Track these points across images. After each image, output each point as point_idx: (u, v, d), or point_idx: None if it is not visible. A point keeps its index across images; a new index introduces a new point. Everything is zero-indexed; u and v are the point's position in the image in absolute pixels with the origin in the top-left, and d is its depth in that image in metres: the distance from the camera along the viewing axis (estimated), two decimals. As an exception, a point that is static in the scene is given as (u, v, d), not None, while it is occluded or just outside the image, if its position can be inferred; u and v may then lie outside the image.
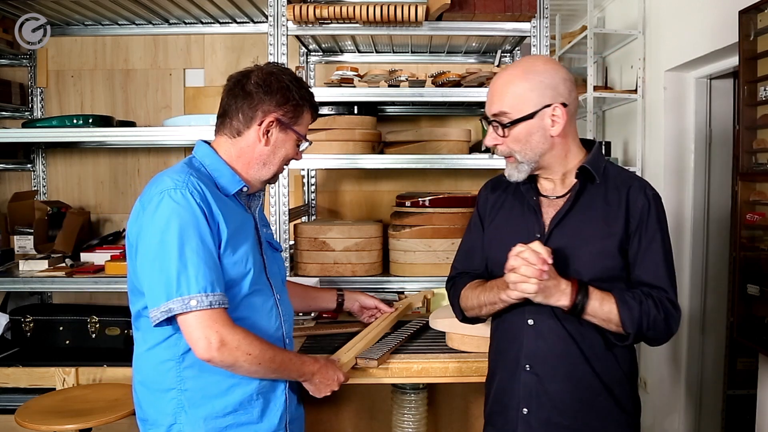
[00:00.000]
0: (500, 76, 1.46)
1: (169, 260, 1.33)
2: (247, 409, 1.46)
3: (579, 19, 4.06)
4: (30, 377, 2.45)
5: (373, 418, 2.29)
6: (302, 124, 1.57)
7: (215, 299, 1.34)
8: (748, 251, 2.25)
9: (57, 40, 3.17)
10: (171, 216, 1.35)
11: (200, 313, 1.33)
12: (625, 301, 1.38)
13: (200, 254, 1.35)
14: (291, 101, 1.52)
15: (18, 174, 3.27)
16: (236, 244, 1.44)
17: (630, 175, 1.50)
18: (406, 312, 2.22)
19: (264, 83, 1.49)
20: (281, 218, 2.49)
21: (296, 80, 1.55)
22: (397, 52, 3.23)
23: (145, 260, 1.38)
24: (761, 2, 2.09)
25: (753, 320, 2.20)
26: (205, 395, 1.42)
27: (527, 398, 1.46)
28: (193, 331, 1.34)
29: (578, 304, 1.37)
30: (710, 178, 3.03)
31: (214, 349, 1.33)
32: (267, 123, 1.50)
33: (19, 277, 2.58)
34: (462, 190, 3.18)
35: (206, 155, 1.52)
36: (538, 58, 1.53)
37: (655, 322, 1.38)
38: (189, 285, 1.32)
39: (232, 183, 1.50)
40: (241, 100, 1.50)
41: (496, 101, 1.44)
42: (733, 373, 3.15)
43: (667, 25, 3.02)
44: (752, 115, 2.21)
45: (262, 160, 1.53)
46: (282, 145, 1.54)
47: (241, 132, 1.51)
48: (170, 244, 1.34)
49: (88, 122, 2.64)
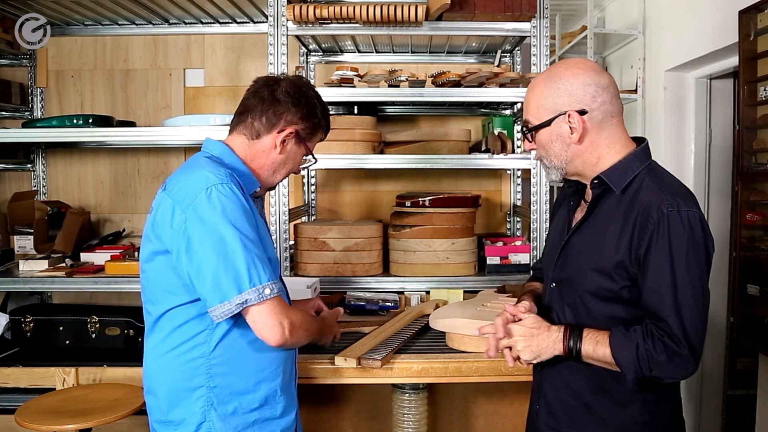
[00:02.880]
0: (531, 82, 1.46)
1: (234, 254, 1.34)
2: (272, 404, 1.49)
3: (579, 19, 4.06)
4: (30, 377, 2.45)
5: (373, 418, 2.29)
6: (314, 141, 1.61)
7: (277, 287, 1.39)
8: (748, 251, 2.25)
9: (57, 40, 3.17)
10: (225, 210, 1.36)
11: (272, 301, 1.37)
12: (620, 345, 1.29)
13: (258, 245, 1.39)
14: (313, 118, 1.56)
15: (18, 174, 3.27)
16: (262, 240, 1.46)
17: (662, 189, 1.32)
18: (417, 317, 2.22)
19: (294, 94, 1.53)
20: (281, 218, 2.49)
21: (320, 99, 1.60)
22: (397, 52, 3.23)
23: (203, 257, 1.35)
24: (761, 2, 2.09)
25: (753, 320, 2.20)
26: (233, 392, 1.44)
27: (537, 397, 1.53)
28: (267, 319, 1.37)
29: (571, 349, 1.35)
30: (710, 178, 3.03)
31: (287, 333, 1.39)
32: (287, 133, 1.52)
33: (19, 277, 2.58)
34: (462, 190, 3.18)
35: (224, 153, 1.52)
36: (565, 63, 1.42)
37: (657, 364, 1.27)
38: (260, 275, 1.36)
39: (250, 182, 1.51)
40: (268, 104, 1.52)
41: (524, 107, 1.45)
42: (733, 373, 3.14)
43: (667, 25, 3.02)
44: (752, 115, 2.21)
45: (274, 167, 1.55)
46: (293, 157, 1.57)
47: (260, 135, 1.53)
48: (231, 238, 1.35)
49: (88, 122, 2.64)
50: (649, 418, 1.36)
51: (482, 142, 2.90)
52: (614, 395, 1.37)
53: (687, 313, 1.27)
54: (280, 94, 1.52)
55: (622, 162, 1.38)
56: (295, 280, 2.44)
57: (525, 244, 2.73)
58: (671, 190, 1.32)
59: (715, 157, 3.02)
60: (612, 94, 1.38)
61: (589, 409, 1.40)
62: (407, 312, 2.24)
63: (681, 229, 1.28)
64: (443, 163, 2.56)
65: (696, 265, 1.29)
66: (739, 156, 2.29)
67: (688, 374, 1.30)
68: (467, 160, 2.61)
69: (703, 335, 1.30)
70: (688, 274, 1.28)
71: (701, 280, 1.30)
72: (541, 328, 1.39)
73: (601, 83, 1.36)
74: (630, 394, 1.35)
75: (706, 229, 1.32)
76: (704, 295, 1.30)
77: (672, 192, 1.32)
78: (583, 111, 1.36)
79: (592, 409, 1.39)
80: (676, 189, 1.34)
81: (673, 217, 1.28)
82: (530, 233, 2.57)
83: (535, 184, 2.51)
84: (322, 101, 1.60)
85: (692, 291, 1.28)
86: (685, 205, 1.29)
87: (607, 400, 1.38)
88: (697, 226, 1.29)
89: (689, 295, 1.27)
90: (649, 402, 1.36)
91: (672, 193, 1.32)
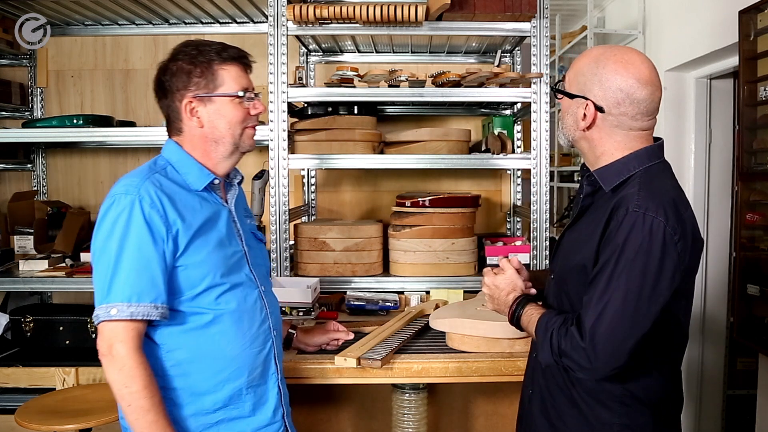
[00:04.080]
0: (591, 48, 1.43)
1: (106, 266, 1.34)
2: (237, 403, 1.45)
3: (579, 19, 4.06)
4: (30, 377, 2.45)
5: (373, 418, 2.29)
6: (224, 83, 1.45)
7: (138, 310, 1.32)
8: (748, 251, 2.25)
9: (57, 40, 3.17)
10: (115, 222, 1.35)
11: (116, 324, 1.32)
12: (541, 326, 1.34)
13: (134, 264, 1.33)
14: (193, 73, 1.43)
15: (18, 174, 3.27)
16: (205, 242, 1.42)
17: (641, 190, 1.27)
18: (417, 317, 2.22)
19: (167, 71, 1.45)
20: (281, 218, 2.49)
21: (193, 47, 1.45)
22: (397, 52, 3.23)
23: (93, 264, 1.38)
24: (761, 2, 2.09)
25: (753, 320, 2.20)
26: (194, 392, 1.42)
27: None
28: (100, 336, 1.34)
29: (513, 317, 1.45)
30: (710, 178, 3.04)
31: (106, 357, 1.32)
32: (185, 106, 1.44)
33: (19, 277, 2.58)
34: (462, 190, 3.18)
35: (173, 152, 1.49)
36: (620, 54, 1.33)
37: (563, 352, 1.27)
38: (115, 293, 1.32)
39: (200, 178, 1.47)
40: (162, 98, 1.48)
41: (570, 67, 1.43)
42: (733, 373, 3.15)
43: (667, 25, 3.02)
44: (752, 115, 2.21)
45: (212, 140, 1.47)
46: (217, 116, 1.45)
47: (181, 128, 1.48)
48: (109, 251, 1.34)
49: (88, 122, 2.64)
50: (628, 421, 1.34)
51: (482, 142, 2.90)
52: (596, 393, 1.35)
53: (608, 315, 1.22)
54: (161, 81, 1.46)
55: (620, 161, 1.35)
56: (295, 280, 2.45)
57: (525, 244, 2.73)
58: (650, 194, 1.26)
59: (715, 157, 3.03)
60: (641, 111, 1.32)
61: (573, 404, 1.39)
62: (407, 312, 2.24)
63: (639, 232, 1.22)
64: (443, 163, 2.56)
65: (640, 274, 1.21)
66: (739, 156, 2.29)
67: (583, 372, 1.27)
68: (467, 160, 2.61)
69: (617, 346, 1.22)
70: (626, 278, 1.21)
71: (640, 291, 1.21)
72: (505, 290, 1.49)
73: (635, 95, 1.31)
74: (609, 394, 1.34)
75: (668, 243, 1.22)
76: (637, 308, 1.21)
77: (649, 195, 1.25)
78: (602, 109, 1.33)
79: (576, 404, 1.39)
80: (658, 194, 1.26)
81: (635, 218, 1.23)
82: (530, 233, 2.56)
83: (535, 184, 2.51)
84: (197, 47, 1.45)
85: (623, 297, 1.21)
86: (654, 211, 1.22)
87: (589, 396, 1.36)
88: (658, 236, 1.21)
89: (618, 298, 1.21)
90: (629, 404, 1.34)
91: (649, 196, 1.25)
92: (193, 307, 1.41)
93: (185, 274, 1.40)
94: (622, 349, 1.23)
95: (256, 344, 1.49)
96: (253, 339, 1.48)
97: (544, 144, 2.48)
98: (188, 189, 1.45)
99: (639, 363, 1.30)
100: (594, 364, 1.23)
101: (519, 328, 1.46)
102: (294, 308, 2.23)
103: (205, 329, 1.42)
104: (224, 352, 1.43)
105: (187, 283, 1.40)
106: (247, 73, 1.51)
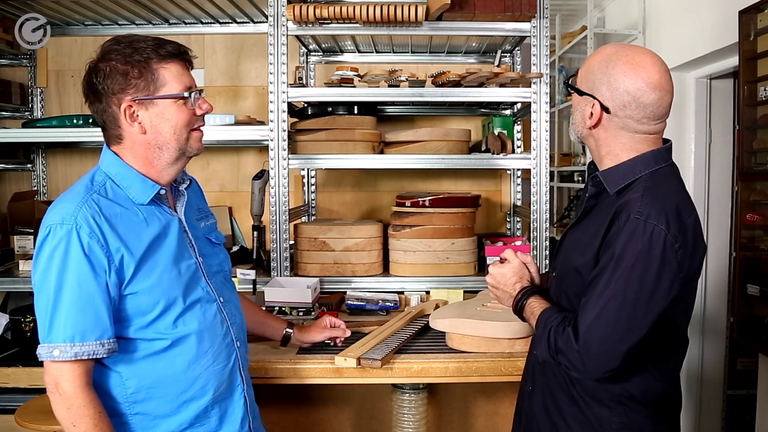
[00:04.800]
0: (604, 46, 1.42)
1: (45, 302, 1.25)
2: (203, 420, 1.40)
3: (579, 19, 4.06)
4: (30, 377, 2.45)
5: (373, 418, 2.29)
6: (166, 83, 1.33)
7: (82, 350, 1.24)
8: (748, 251, 2.25)
9: (57, 40, 3.17)
10: (51, 256, 1.25)
11: (61, 363, 1.24)
12: (541, 322, 1.35)
13: (75, 300, 1.24)
14: (130, 74, 1.30)
15: (18, 174, 3.27)
16: (154, 264, 1.32)
17: (644, 196, 1.26)
18: (417, 317, 2.22)
19: (99, 73, 1.32)
20: (281, 218, 2.49)
21: (126, 44, 1.33)
22: (397, 52, 3.23)
23: (34, 294, 1.28)
24: (761, 2, 2.09)
25: (753, 320, 2.20)
26: (156, 417, 1.35)
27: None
28: (46, 374, 1.26)
29: (516, 309, 1.46)
30: (710, 178, 3.03)
31: (54, 394, 1.26)
32: (124, 111, 1.32)
33: (19, 277, 2.59)
34: (462, 190, 3.18)
35: (112, 164, 1.37)
36: (632, 55, 1.31)
37: (558, 350, 1.28)
38: (57, 333, 1.24)
39: (144, 191, 1.36)
40: (94, 102, 1.35)
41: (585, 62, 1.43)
42: (733, 373, 3.15)
43: (667, 25, 3.02)
44: (752, 115, 2.21)
45: (155, 146, 1.35)
46: (160, 120, 1.34)
47: (120, 135, 1.36)
48: (47, 286, 1.25)
49: (88, 122, 2.64)
50: (627, 420, 1.34)
51: (482, 142, 2.90)
52: (595, 392, 1.35)
53: (602, 320, 1.22)
54: (91, 83, 1.33)
55: (625, 164, 1.34)
56: (295, 280, 2.45)
57: (525, 244, 2.73)
58: (653, 200, 1.25)
59: (715, 157, 3.02)
60: (647, 115, 1.31)
61: (573, 401, 1.39)
62: (407, 312, 2.24)
63: (639, 239, 1.21)
64: (443, 163, 2.56)
65: (638, 281, 1.21)
66: (739, 156, 2.29)
67: (576, 372, 1.28)
68: (467, 160, 2.61)
69: (610, 351, 1.23)
70: (624, 285, 1.21)
71: (636, 298, 1.21)
72: (512, 279, 1.49)
73: (642, 99, 1.29)
74: (608, 393, 1.34)
75: (668, 252, 1.21)
76: (632, 315, 1.21)
77: (652, 201, 1.24)
78: (608, 109, 1.32)
79: (575, 401, 1.38)
80: (661, 200, 1.25)
81: (636, 225, 1.22)
82: (530, 233, 2.57)
83: (535, 184, 2.51)
84: (131, 45, 1.32)
85: (620, 303, 1.21)
86: (655, 219, 1.22)
87: (588, 395, 1.36)
88: (659, 244, 1.21)
89: (614, 304, 1.21)
90: (627, 404, 1.34)
91: (651, 202, 1.24)
92: (149, 333, 1.32)
93: (136, 301, 1.31)
94: (615, 353, 1.23)
95: (220, 360, 1.41)
96: (216, 356, 1.40)
97: (544, 144, 2.48)
98: (132, 205, 1.35)
99: (636, 364, 1.31)
100: (587, 367, 1.25)
101: (522, 318, 1.46)
102: (294, 308, 2.23)
103: (164, 353, 1.34)
104: (186, 374, 1.36)
105: (138, 311, 1.31)
106: (189, 69, 1.39)
